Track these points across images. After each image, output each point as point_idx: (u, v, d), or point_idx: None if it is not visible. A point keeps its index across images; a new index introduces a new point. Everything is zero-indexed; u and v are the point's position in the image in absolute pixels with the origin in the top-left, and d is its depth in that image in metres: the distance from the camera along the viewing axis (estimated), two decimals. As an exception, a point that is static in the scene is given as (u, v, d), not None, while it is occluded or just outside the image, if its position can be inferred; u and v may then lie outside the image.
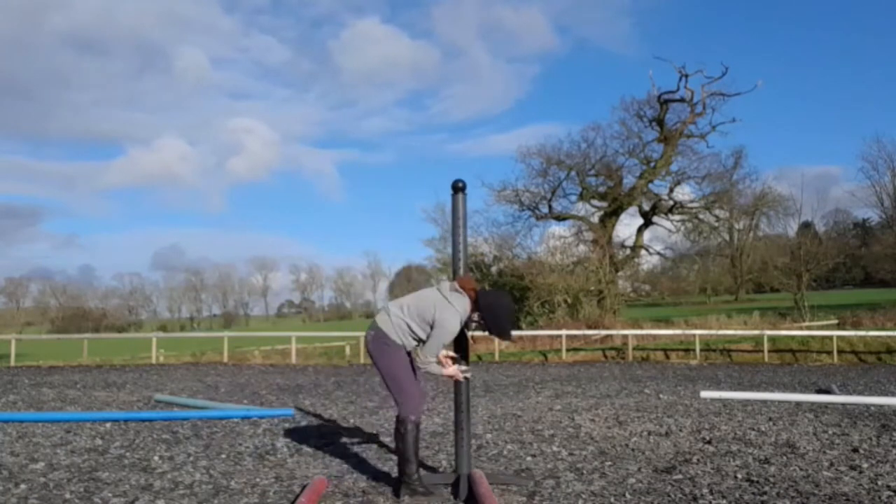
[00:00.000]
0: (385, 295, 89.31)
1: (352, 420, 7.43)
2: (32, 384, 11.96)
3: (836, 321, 24.33)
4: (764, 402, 8.32)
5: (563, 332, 18.73)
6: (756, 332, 19.10)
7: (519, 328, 22.49)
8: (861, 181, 56.21)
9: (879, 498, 4.06)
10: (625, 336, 18.79)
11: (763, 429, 6.45)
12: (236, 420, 7.32)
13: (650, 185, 31.78)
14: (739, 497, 4.08)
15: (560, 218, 32.47)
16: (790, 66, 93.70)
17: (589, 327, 21.62)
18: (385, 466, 5.01)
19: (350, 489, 4.37)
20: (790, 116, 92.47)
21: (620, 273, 31.32)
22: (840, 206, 51.18)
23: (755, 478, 4.55)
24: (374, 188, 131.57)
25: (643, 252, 33.28)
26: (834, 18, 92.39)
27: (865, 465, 4.90)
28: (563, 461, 5.14)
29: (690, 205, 32.29)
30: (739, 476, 4.60)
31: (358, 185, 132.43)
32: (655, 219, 32.42)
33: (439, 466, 5.05)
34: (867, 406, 7.91)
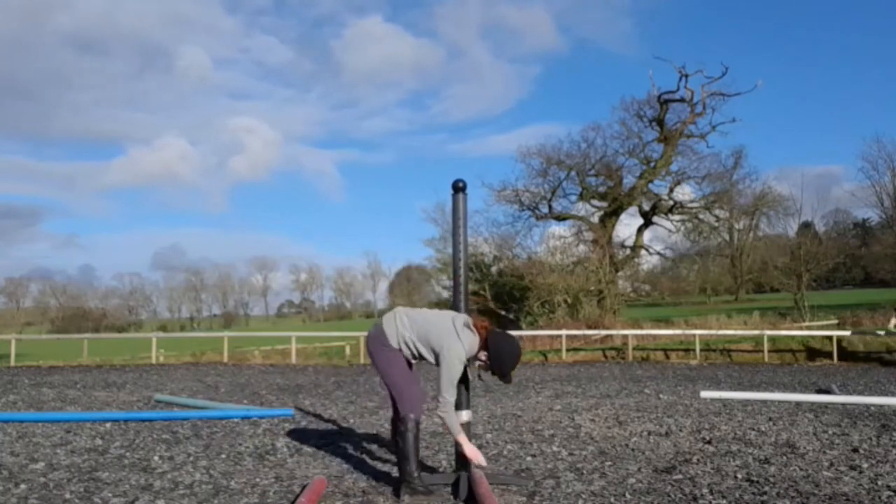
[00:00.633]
0: (385, 295, 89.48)
1: (352, 420, 7.43)
2: (32, 384, 11.96)
3: (836, 321, 24.33)
4: (764, 402, 8.32)
5: (563, 332, 18.72)
6: (756, 332, 19.09)
7: (519, 328, 22.49)
8: (861, 181, 56.17)
9: (879, 498, 4.06)
10: (625, 336, 18.80)
11: (763, 429, 6.45)
12: (236, 420, 7.32)
13: (650, 185, 31.83)
14: (739, 497, 4.08)
15: (560, 218, 32.51)
16: (790, 66, 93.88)
17: (589, 327, 21.62)
18: (385, 466, 5.01)
19: (350, 489, 4.37)
20: (790, 116, 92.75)
21: (620, 273, 31.34)
22: (840, 206, 51.26)
23: (755, 478, 4.55)
24: (375, 188, 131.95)
25: (643, 252, 33.33)
26: (834, 18, 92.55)
27: (865, 465, 4.90)
28: (563, 461, 5.14)
29: (690, 205, 32.32)
30: (739, 476, 4.60)
31: (358, 185, 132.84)
32: (655, 219, 32.44)
33: (439, 466, 5.05)
34: (867, 406, 7.91)
